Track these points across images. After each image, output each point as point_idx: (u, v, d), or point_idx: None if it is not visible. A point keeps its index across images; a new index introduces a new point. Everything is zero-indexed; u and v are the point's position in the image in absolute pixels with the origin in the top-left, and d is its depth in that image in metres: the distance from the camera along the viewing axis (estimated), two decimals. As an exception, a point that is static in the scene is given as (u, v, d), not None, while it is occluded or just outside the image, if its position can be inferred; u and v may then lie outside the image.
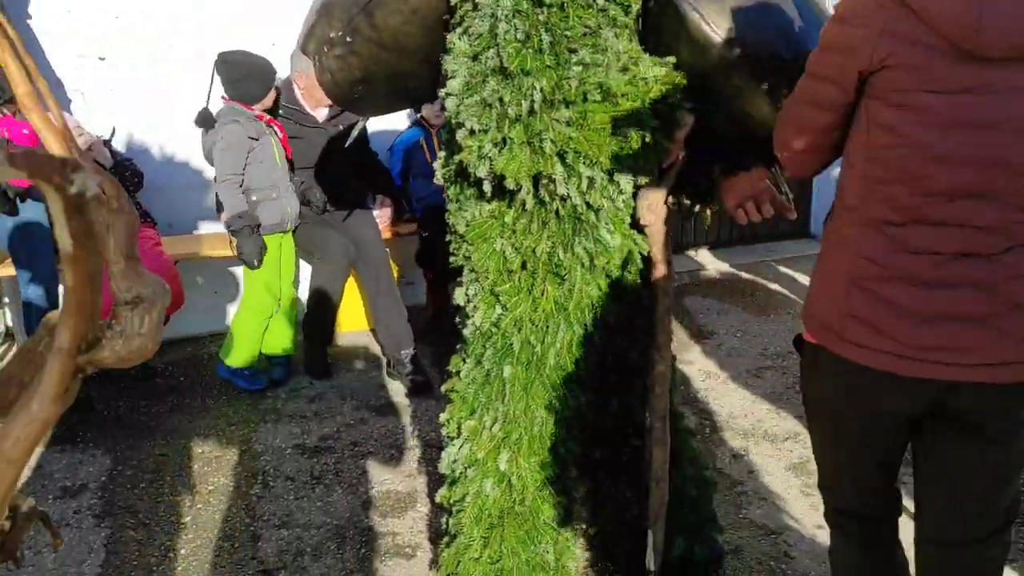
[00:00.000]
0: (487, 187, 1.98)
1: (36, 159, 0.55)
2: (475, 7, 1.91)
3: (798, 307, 4.96)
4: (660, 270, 2.12)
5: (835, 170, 1.72)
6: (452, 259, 2.23)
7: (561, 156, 1.85)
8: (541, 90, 1.81)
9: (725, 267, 5.70)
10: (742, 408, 3.66)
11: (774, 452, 3.26)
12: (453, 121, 1.95)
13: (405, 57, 2.13)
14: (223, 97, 3.75)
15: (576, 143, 1.84)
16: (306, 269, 4.38)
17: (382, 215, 4.30)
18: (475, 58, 1.90)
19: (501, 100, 1.83)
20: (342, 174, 4.08)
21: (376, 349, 4.27)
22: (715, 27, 1.81)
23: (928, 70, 1.42)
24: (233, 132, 3.62)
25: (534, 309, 2.06)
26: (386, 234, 4.26)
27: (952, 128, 1.44)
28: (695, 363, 4.13)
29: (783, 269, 5.62)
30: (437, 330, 4.34)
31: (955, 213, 1.46)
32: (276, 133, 3.80)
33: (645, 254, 2.09)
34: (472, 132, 1.91)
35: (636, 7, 1.90)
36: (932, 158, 1.45)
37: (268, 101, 3.77)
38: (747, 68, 1.82)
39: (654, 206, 2.08)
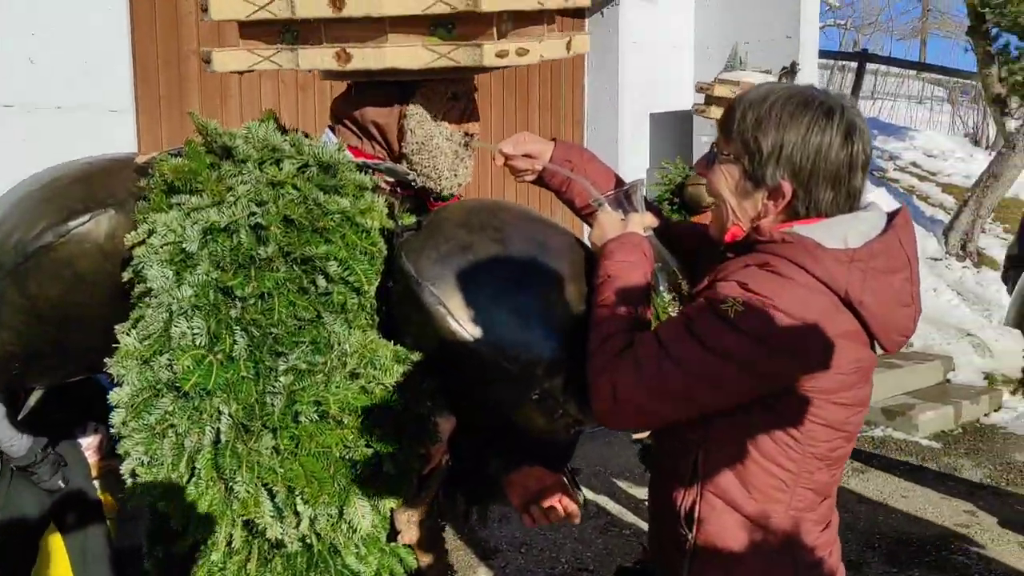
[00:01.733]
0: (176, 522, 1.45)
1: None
2: (148, 291, 1.41)
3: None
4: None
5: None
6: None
7: (269, 491, 1.37)
8: (231, 415, 1.32)
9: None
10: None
11: None
12: (118, 446, 1.42)
13: (79, 330, 1.57)
14: None
15: (288, 477, 1.36)
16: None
17: (91, 445, 3.51)
18: (146, 363, 1.39)
19: (174, 427, 1.33)
20: (40, 398, 3.31)
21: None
22: (464, 326, 1.41)
23: (865, 365, 1.43)
24: None
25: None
26: (96, 471, 3.48)
27: (865, 409, 1.48)
28: (477, 596, 3.64)
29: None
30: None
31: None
32: None
33: (413, 569, 1.61)
34: (142, 463, 1.38)
35: (371, 287, 1.47)
36: (849, 439, 1.47)
37: None
38: (510, 374, 1.43)
39: (416, 518, 1.64)
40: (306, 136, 1.71)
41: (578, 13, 6.32)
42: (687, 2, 6.51)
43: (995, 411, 6.25)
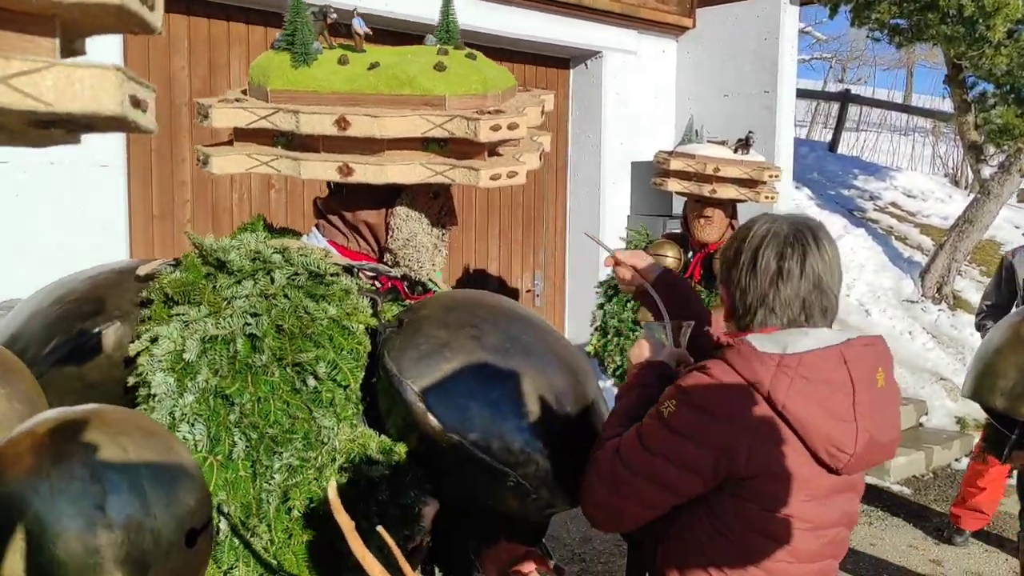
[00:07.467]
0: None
1: None
2: (151, 395, 1.52)
3: None
4: None
5: None
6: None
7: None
8: (229, 514, 1.44)
9: None
10: None
11: None
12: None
13: None
14: None
15: (282, 566, 1.47)
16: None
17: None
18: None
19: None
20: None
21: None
22: (443, 420, 1.54)
23: (803, 479, 1.48)
24: None
25: None
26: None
27: (820, 529, 1.52)
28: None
29: None
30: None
31: None
32: None
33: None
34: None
35: (357, 383, 1.60)
36: (798, 556, 1.51)
37: None
38: (485, 464, 1.55)
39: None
40: (293, 234, 1.84)
41: (562, 64, 6.52)
42: (669, 55, 6.71)
43: (967, 456, 6.38)
